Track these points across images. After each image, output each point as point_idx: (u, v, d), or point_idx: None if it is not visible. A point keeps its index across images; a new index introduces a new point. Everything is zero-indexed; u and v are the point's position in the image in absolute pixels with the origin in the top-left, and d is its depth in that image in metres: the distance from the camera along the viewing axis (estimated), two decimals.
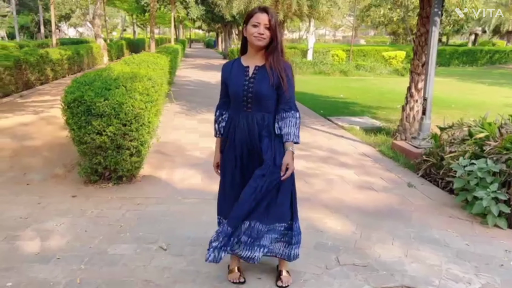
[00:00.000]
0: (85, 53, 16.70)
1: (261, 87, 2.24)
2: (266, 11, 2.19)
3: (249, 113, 2.29)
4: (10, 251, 2.91)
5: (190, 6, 24.66)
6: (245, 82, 2.27)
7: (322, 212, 3.71)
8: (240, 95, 2.27)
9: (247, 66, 2.30)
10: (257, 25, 2.17)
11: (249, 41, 2.24)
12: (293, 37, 62.32)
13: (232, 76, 2.31)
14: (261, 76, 2.26)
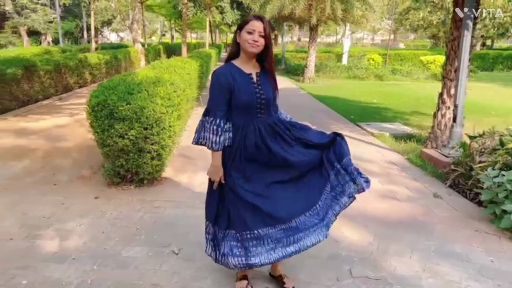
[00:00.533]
0: (123, 58, 17.23)
1: (269, 93, 2.30)
2: (261, 19, 2.20)
3: (263, 118, 2.31)
4: (29, 249, 3.02)
5: (226, 11, 24.98)
6: (256, 90, 2.26)
7: (340, 221, 3.59)
8: (254, 103, 2.25)
9: (250, 73, 2.28)
10: (252, 32, 2.17)
11: (243, 47, 2.22)
12: (330, 41, 61.80)
13: (240, 85, 2.22)
14: (264, 82, 2.31)
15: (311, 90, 13.57)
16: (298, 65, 20.44)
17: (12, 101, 8.64)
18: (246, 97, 2.22)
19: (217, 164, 2.30)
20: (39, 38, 33.25)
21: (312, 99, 11.75)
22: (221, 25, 39.62)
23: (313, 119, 8.44)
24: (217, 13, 25.53)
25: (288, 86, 15.22)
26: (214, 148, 2.26)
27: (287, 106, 10.27)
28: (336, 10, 14.25)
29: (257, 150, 2.29)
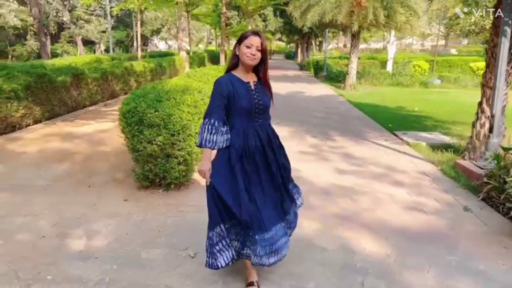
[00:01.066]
0: (167, 65, 17.83)
1: (266, 100, 2.55)
2: (258, 34, 2.44)
3: (261, 123, 2.55)
4: (58, 247, 3.23)
5: (269, 19, 25.20)
6: (254, 97, 2.49)
7: (360, 232, 3.56)
8: (253, 108, 2.48)
9: (248, 82, 2.51)
10: (250, 47, 2.41)
11: (242, 59, 2.46)
12: (378, 46, 60.51)
13: (239, 92, 2.45)
14: (261, 90, 2.56)
15: (351, 98, 13.38)
16: (340, 72, 20.22)
17: (61, 107, 9.20)
18: (245, 103, 2.45)
19: (207, 160, 2.46)
20: (93, 47, 35.17)
21: (350, 106, 11.59)
22: (265, 33, 40.02)
23: (347, 127, 8.37)
24: (260, 21, 25.80)
25: (327, 93, 15.09)
26: (207, 145, 2.43)
27: (323, 113, 10.28)
28: (379, 16, 13.99)
29: (255, 151, 2.51)
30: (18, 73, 7.74)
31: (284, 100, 12.72)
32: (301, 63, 32.43)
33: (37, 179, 4.89)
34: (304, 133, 7.64)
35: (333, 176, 5.09)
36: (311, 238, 3.43)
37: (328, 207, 4.13)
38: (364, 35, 45.75)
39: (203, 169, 2.45)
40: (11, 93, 7.25)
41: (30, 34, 25.36)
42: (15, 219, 3.73)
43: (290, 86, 17.45)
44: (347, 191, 4.59)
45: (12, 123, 7.44)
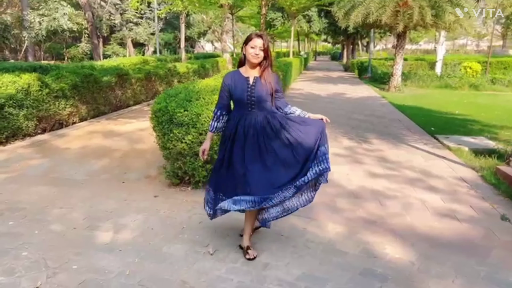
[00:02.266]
0: (210, 67, 18.15)
1: (261, 93, 2.89)
2: (261, 36, 2.84)
3: (253, 112, 2.92)
4: (87, 239, 3.38)
5: (313, 20, 25.00)
6: (248, 89, 2.89)
7: (386, 237, 3.46)
8: (244, 99, 2.89)
9: (248, 77, 2.92)
10: (254, 47, 2.81)
11: (247, 58, 2.88)
12: (429, 47, 58.35)
13: (236, 85, 2.91)
14: (259, 84, 2.89)
15: (394, 100, 12.99)
16: (385, 73, 19.69)
17: (106, 106, 9.64)
18: (238, 94, 2.90)
19: (207, 140, 3.13)
20: (142, 49, 36.48)
21: (391, 108, 11.25)
22: (311, 34, 39.75)
23: (386, 129, 8.13)
24: (304, 22, 25.64)
25: (369, 94, 14.74)
26: (210, 130, 3.09)
27: (362, 115, 10.08)
28: (425, 16, 13.48)
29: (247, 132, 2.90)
30: (67, 73, 8.18)
31: (323, 102, 12.58)
32: (346, 64, 31.88)
33: (76, 174, 5.14)
34: (340, 135, 7.51)
35: (365, 180, 4.97)
36: (333, 241, 3.37)
37: (355, 210, 4.03)
38: (413, 35, 44.28)
39: (201, 148, 3.11)
40: (59, 92, 7.67)
41: (84, 36, 26.75)
42: (51, 211, 3.95)
43: (331, 87, 17.23)
44: (377, 195, 4.46)
45: (59, 121, 7.88)
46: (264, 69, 2.90)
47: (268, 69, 2.91)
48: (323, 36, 44.93)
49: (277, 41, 59.09)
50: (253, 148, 2.90)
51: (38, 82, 7.10)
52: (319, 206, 4.12)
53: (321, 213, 3.96)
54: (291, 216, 3.83)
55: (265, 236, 3.44)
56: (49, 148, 6.45)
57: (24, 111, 6.77)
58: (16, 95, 6.62)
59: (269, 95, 2.93)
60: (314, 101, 12.68)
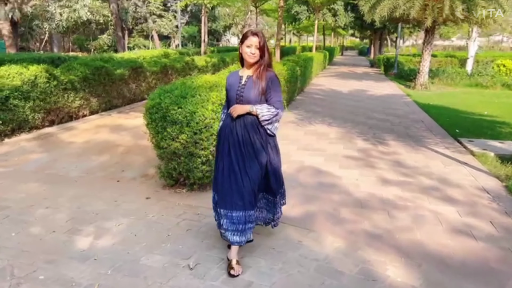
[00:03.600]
0: (231, 60, 17.85)
1: (249, 93, 2.73)
2: (257, 35, 2.69)
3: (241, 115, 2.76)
4: (63, 244, 3.16)
5: (339, 14, 24.31)
6: (238, 89, 2.78)
7: (389, 256, 3.09)
8: (234, 99, 2.78)
9: (242, 76, 2.82)
10: (249, 46, 2.69)
11: (243, 57, 2.77)
12: (461, 43, 56.27)
13: (230, 84, 2.85)
14: (250, 84, 2.74)
15: (418, 98, 12.37)
16: (411, 70, 18.92)
17: (119, 99, 9.50)
18: (230, 93, 2.83)
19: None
20: (167, 42, 36.59)
21: (415, 107, 10.68)
22: (337, 28, 38.87)
23: (406, 130, 7.65)
24: (330, 16, 24.95)
25: (393, 92, 14.13)
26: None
27: (382, 114, 9.61)
28: (456, 10, 12.74)
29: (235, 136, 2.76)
30: (77, 65, 8.06)
31: (343, 99, 12.10)
32: (373, 60, 31.00)
33: (72, 170, 4.97)
34: (355, 136, 7.09)
35: (375, 187, 4.57)
36: (330, 258, 3.03)
37: (359, 222, 3.66)
38: (443, 30, 42.62)
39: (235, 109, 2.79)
40: (68, 85, 7.55)
41: (111, 29, 26.94)
42: (36, 211, 3.76)
43: (354, 83, 16.67)
44: (387, 204, 4.07)
45: (69, 113, 7.77)
46: (258, 68, 2.74)
47: (262, 68, 2.73)
48: (350, 31, 43.91)
49: (304, 35, 58.31)
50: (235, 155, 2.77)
51: (45, 74, 6.98)
52: (320, 215, 3.78)
53: (321, 224, 3.61)
54: (287, 226, 3.53)
55: (255, 249, 3.12)
56: (53, 142, 6.32)
57: (30, 103, 6.66)
58: (22, 86, 6.51)
59: (260, 96, 2.74)
60: (333, 98, 12.22)
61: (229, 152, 2.77)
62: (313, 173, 4.99)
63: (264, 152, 2.79)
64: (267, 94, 2.74)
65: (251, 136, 2.75)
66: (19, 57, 10.23)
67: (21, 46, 19.64)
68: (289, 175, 4.87)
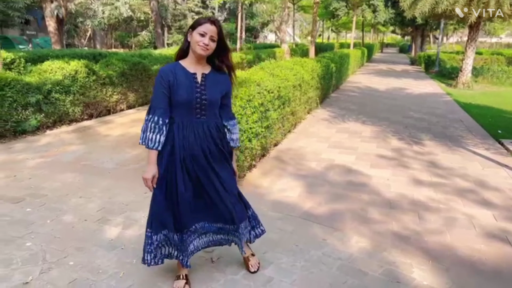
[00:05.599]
0: (266, 57, 17.84)
1: (213, 95, 2.27)
2: (215, 23, 2.19)
3: (204, 120, 2.28)
4: (93, 233, 3.28)
5: (378, 10, 23.73)
6: (196, 90, 2.23)
7: (416, 258, 2.99)
8: (193, 102, 2.22)
9: (194, 73, 2.25)
10: (203, 35, 2.16)
11: (192, 48, 2.21)
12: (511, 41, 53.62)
13: (180, 83, 2.20)
14: (210, 83, 2.27)
15: (460, 97, 11.89)
16: (453, 68, 18.20)
17: None
18: (185, 95, 2.20)
19: (151, 163, 2.26)
20: None
21: (455, 107, 10.26)
22: (377, 25, 38.00)
23: (444, 130, 7.37)
24: (370, 12, 24.40)
25: (433, 91, 13.64)
26: (149, 146, 2.23)
27: (420, 113, 9.34)
28: (503, 5, 12.13)
29: (188, 150, 2.26)
30: (115, 60, 8.32)
31: (380, 97, 11.81)
32: (413, 58, 30.07)
33: (106, 162, 5.14)
34: (390, 135, 6.91)
35: (406, 187, 4.44)
36: (354, 258, 2.97)
37: (387, 223, 3.57)
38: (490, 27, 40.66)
39: (145, 177, 2.28)
40: (107, 79, 7.81)
41: (151, 25, 27.60)
42: (70, 200, 3.92)
43: (392, 81, 16.24)
44: (417, 206, 3.94)
45: (107, 107, 8.04)
46: (222, 64, 2.32)
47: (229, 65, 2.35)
48: (390, 27, 42.78)
49: (342, 31, 57.37)
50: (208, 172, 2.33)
51: (85, 69, 7.25)
52: (346, 214, 3.71)
53: (348, 223, 3.55)
54: (312, 224, 3.49)
55: (278, 245, 3.12)
56: (90, 134, 6.56)
57: (70, 97, 6.94)
58: (63, 81, 6.80)
59: (220, 99, 2.33)
60: (369, 96, 11.95)
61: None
62: (343, 171, 4.91)
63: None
64: (226, 97, 2.37)
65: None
66: (62, 53, 10.64)
67: (68, 42, 20.53)
68: (318, 173, 4.83)
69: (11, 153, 5.38)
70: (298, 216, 3.66)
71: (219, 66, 2.31)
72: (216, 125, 2.33)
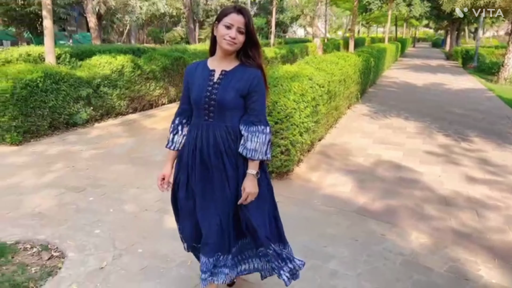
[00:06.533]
0: (299, 52, 17.81)
1: (225, 95, 1.92)
2: (242, 12, 1.87)
3: (210, 123, 1.97)
4: (156, 222, 3.39)
5: (414, 3, 23.18)
6: (208, 88, 1.95)
7: (481, 256, 2.95)
8: (202, 102, 1.95)
9: (213, 70, 1.97)
10: (230, 27, 1.86)
11: (218, 42, 1.92)
12: None
13: (195, 80, 2.00)
14: (227, 82, 1.93)
15: (503, 93, 11.51)
16: (494, 63, 17.60)
17: None
18: (195, 94, 1.97)
19: (165, 163, 2.18)
20: None
21: (499, 103, 9.95)
22: (410, 19, 37.08)
23: (491, 127, 7.17)
24: (404, 5, 23.86)
25: (473, 86, 13.24)
26: (166, 146, 2.14)
27: (462, 109, 9.12)
28: None
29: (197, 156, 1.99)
30: (158, 56, 8.49)
31: (419, 92, 11.57)
32: (448, 52, 29.23)
33: (156, 155, 5.27)
34: (434, 131, 6.78)
35: (460, 184, 4.36)
36: (416, 254, 2.96)
37: (445, 220, 3.53)
38: None
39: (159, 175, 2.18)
40: (150, 74, 7.99)
41: (183, 21, 27.96)
42: (128, 190, 4.06)
43: (429, 77, 15.87)
44: (474, 203, 3.88)
45: (149, 101, 8.23)
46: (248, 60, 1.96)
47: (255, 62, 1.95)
48: (424, 21, 41.69)
49: (373, 25, 56.36)
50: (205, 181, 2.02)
51: (131, 64, 7.44)
52: (402, 210, 3.69)
53: (404, 219, 3.53)
54: (368, 219, 3.50)
55: (337, 240, 3.14)
56: (136, 128, 6.74)
57: (117, 91, 7.14)
58: (111, 75, 7.00)
59: (241, 100, 1.94)
60: (407, 91, 11.72)
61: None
62: (392, 167, 4.87)
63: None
64: (249, 98, 1.93)
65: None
66: (104, 48, 10.91)
67: (103, 38, 21.09)
68: (367, 168, 4.81)
69: (66, 144, 5.60)
70: (352, 211, 3.67)
71: (248, 63, 1.96)
72: (226, 129, 1.96)
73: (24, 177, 4.34)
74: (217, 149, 1.95)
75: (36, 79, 5.59)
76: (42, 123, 5.80)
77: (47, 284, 2.51)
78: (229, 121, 1.96)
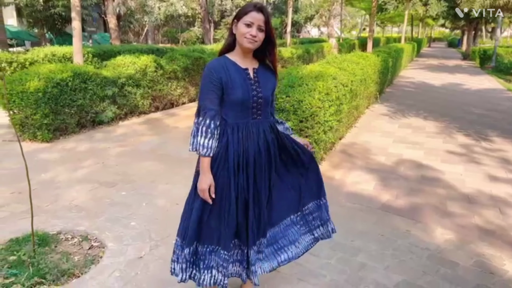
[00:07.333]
0: (315, 52, 17.85)
1: (267, 92, 2.03)
2: (262, 10, 1.89)
3: (259, 121, 2.02)
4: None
5: (430, 3, 22.99)
6: (252, 87, 1.97)
7: (506, 252, 3.02)
8: (250, 102, 1.96)
9: (246, 68, 1.98)
10: (250, 25, 1.88)
11: (239, 40, 1.93)
12: None
13: (234, 80, 1.93)
14: (263, 80, 2.02)
15: None
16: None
17: None
18: (241, 94, 1.93)
19: (206, 171, 1.93)
20: None
21: None
22: (425, 18, 36.75)
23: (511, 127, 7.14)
24: (421, 5, 23.70)
25: (492, 86, 13.13)
26: (202, 153, 1.92)
27: (482, 109, 9.11)
28: None
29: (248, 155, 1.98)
30: (179, 56, 8.66)
31: (437, 92, 11.54)
32: (465, 52, 28.91)
33: (182, 152, 5.41)
34: (454, 130, 6.81)
35: (482, 183, 4.41)
36: (441, 249, 3.04)
37: (469, 217, 3.60)
38: None
39: (202, 187, 1.93)
40: (172, 74, 8.16)
41: (198, 21, 28.24)
42: (157, 186, 4.21)
43: (447, 77, 15.77)
44: (498, 201, 3.93)
45: (171, 101, 8.41)
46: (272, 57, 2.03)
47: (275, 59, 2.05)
48: (440, 21, 41.25)
49: (388, 25, 55.96)
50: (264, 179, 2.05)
51: (154, 64, 7.62)
52: (425, 207, 3.77)
53: (428, 216, 3.60)
54: (392, 216, 3.58)
55: (364, 235, 3.23)
56: (159, 126, 6.91)
57: (140, 90, 7.33)
58: (135, 75, 7.19)
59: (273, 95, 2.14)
60: (425, 91, 11.69)
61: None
62: (414, 166, 4.93)
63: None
64: (272, 94, 2.11)
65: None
66: (124, 49, 11.16)
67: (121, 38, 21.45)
68: (389, 167, 4.88)
69: (94, 142, 5.79)
70: (377, 208, 3.75)
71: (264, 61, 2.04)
72: (270, 125, 2.08)
73: (58, 172, 4.53)
74: (268, 144, 2.04)
75: (66, 78, 5.79)
76: (71, 121, 6.00)
77: (92, 271, 2.67)
78: (268, 116, 2.10)
